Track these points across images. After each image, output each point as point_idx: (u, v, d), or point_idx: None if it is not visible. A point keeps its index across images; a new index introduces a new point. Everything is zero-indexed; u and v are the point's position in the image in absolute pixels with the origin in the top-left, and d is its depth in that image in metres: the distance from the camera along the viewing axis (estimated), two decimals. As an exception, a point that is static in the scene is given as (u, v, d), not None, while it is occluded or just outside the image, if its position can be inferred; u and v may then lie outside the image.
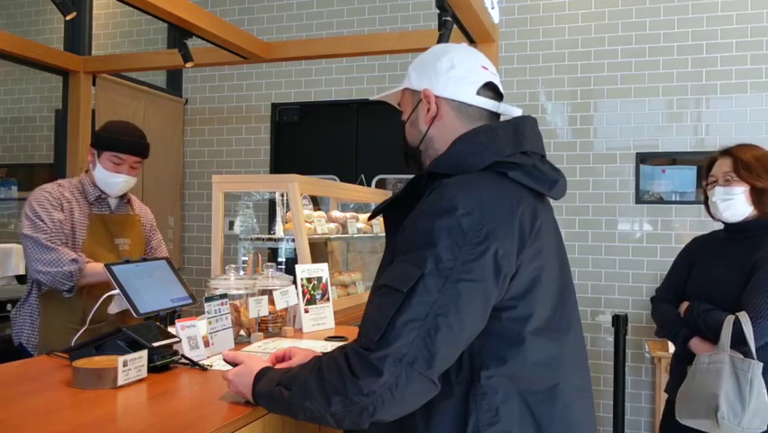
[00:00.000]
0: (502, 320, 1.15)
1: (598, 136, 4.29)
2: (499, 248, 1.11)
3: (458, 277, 1.08)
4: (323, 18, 4.84)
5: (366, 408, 1.07)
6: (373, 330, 1.09)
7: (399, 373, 1.06)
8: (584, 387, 1.28)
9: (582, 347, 1.32)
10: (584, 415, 1.25)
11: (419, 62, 1.38)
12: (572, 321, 1.27)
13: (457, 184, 1.18)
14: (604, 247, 4.25)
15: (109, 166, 2.49)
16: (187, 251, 5.15)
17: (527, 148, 1.26)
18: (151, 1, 2.68)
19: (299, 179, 2.66)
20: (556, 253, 1.28)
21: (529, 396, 1.16)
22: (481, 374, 1.13)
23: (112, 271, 1.88)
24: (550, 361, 1.18)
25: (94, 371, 1.46)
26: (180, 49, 3.30)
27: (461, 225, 1.10)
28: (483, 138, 1.25)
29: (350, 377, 1.08)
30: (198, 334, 1.78)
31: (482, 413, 1.12)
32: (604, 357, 4.22)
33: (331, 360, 1.14)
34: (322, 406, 1.11)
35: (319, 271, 2.42)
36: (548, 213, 1.29)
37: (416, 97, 1.35)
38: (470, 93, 1.31)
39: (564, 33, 4.34)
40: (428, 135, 1.33)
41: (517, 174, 1.21)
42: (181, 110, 5.15)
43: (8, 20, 5.43)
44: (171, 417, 1.29)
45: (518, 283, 1.15)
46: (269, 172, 4.93)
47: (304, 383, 1.15)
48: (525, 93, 4.39)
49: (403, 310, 1.08)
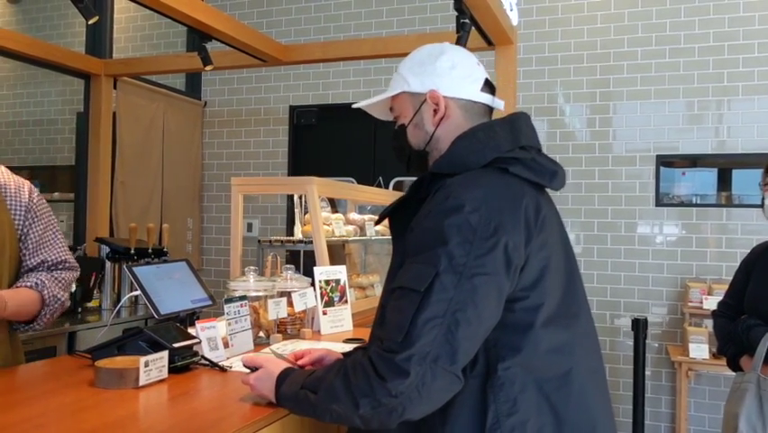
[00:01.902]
0: (515, 311, 1.17)
1: (617, 138, 4.26)
2: (509, 241, 1.14)
3: (472, 272, 1.11)
4: (340, 21, 4.85)
5: (395, 408, 1.10)
6: (396, 332, 1.11)
7: (425, 372, 1.08)
8: (597, 369, 1.31)
9: (592, 331, 1.34)
10: (599, 397, 1.27)
11: (414, 65, 1.38)
12: (581, 307, 1.30)
13: (461, 182, 1.20)
14: (623, 250, 4.22)
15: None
16: (206, 252, 5.19)
17: (525, 143, 1.29)
18: (171, 4, 2.70)
19: (317, 182, 2.66)
20: (561, 242, 1.30)
21: (544, 383, 1.18)
22: (498, 366, 1.15)
23: (133, 273, 1.89)
24: (562, 347, 1.21)
25: (116, 371, 1.48)
26: (200, 52, 3.32)
27: (470, 222, 1.13)
28: (482, 136, 1.28)
29: (377, 379, 1.10)
30: (218, 335, 1.79)
31: (500, 404, 1.14)
32: (623, 361, 4.18)
33: (356, 363, 1.15)
34: (350, 409, 1.13)
35: (337, 274, 2.43)
36: (550, 204, 1.32)
37: (417, 100, 1.36)
38: (476, 90, 1.35)
39: (583, 35, 4.32)
40: (435, 136, 1.35)
41: (518, 168, 1.24)
42: (200, 113, 5.19)
43: (31, 24, 5.50)
44: (192, 417, 1.30)
45: (528, 274, 1.18)
46: (287, 174, 4.95)
47: (330, 387, 1.17)
48: (544, 95, 4.37)
49: (422, 309, 1.10)
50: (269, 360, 1.37)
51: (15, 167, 5.39)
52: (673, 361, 3.85)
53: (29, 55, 3.61)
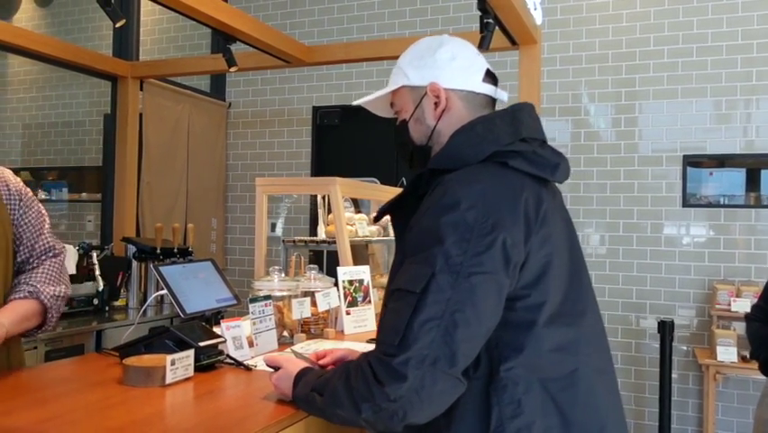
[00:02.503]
0: (516, 310, 1.14)
1: (643, 138, 4.21)
2: (507, 238, 1.10)
3: (469, 271, 1.08)
4: (363, 21, 4.86)
5: (396, 412, 1.08)
6: (392, 335, 1.09)
7: (424, 375, 1.06)
8: (605, 369, 1.26)
9: (600, 330, 1.30)
10: (607, 397, 1.23)
11: (413, 58, 1.35)
12: (587, 305, 1.26)
13: (458, 179, 1.17)
14: (649, 251, 4.17)
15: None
16: (230, 252, 5.23)
17: (526, 135, 1.24)
18: (196, 6, 2.73)
19: (341, 182, 2.67)
20: (566, 237, 1.26)
21: (550, 384, 1.14)
22: (501, 368, 1.12)
23: (160, 272, 1.92)
24: (567, 346, 1.17)
25: (143, 369, 1.50)
26: (224, 53, 3.35)
27: (467, 219, 1.10)
28: (480, 129, 1.24)
29: (375, 384, 1.08)
30: (243, 334, 1.81)
31: (504, 406, 1.11)
32: (649, 364, 4.13)
33: (357, 367, 1.14)
34: (353, 413, 1.12)
35: (360, 274, 2.43)
36: (553, 198, 1.27)
37: (417, 94, 1.32)
38: (477, 81, 1.31)
39: (608, 34, 4.27)
40: (436, 130, 1.31)
41: (518, 162, 1.20)
42: (225, 114, 5.24)
43: (60, 27, 5.60)
44: (217, 415, 1.31)
45: (529, 271, 1.14)
46: (310, 175, 4.97)
47: (333, 391, 1.16)
48: (568, 95, 4.33)
49: (419, 311, 1.07)
50: (289, 360, 1.38)
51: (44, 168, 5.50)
52: (701, 364, 3.79)
53: (58, 58, 3.67)
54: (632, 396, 4.16)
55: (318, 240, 2.94)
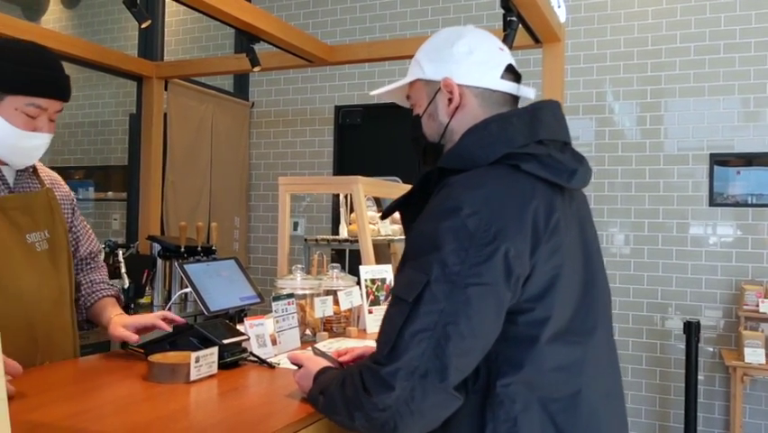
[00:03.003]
0: (518, 324, 1.08)
1: (668, 137, 4.16)
2: (510, 248, 1.03)
3: (466, 282, 1.02)
4: (386, 20, 4.86)
5: (386, 422, 1.04)
6: (383, 343, 1.06)
7: (413, 387, 1.02)
8: (612, 392, 1.20)
9: (611, 350, 1.23)
10: (613, 423, 1.18)
11: (430, 50, 1.28)
12: (598, 322, 1.18)
13: (463, 182, 1.10)
14: (675, 251, 4.11)
15: (21, 120, 1.57)
16: (253, 250, 5.27)
17: (544, 136, 1.16)
18: (220, 7, 2.75)
19: (363, 181, 2.68)
20: (581, 248, 1.18)
21: (550, 404, 1.09)
22: (497, 383, 1.07)
23: (185, 270, 1.94)
24: (570, 366, 1.11)
25: (168, 366, 1.51)
26: (248, 53, 3.37)
27: (468, 226, 1.04)
28: (494, 128, 1.16)
29: (363, 393, 1.06)
30: (266, 332, 1.82)
31: (499, 424, 1.07)
32: (674, 365, 4.07)
33: (350, 375, 1.12)
34: (348, 420, 1.11)
35: (383, 273, 2.43)
36: (570, 205, 1.18)
37: (431, 88, 1.26)
38: (495, 77, 1.23)
39: (633, 31, 4.22)
40: (449, 127, 1.24)
41: (531, 166, 1.11)
42: (248, 113, 5.28)
43: (86, 28, 5.68)
44: (241, 412, 1.32)
45: (535, 284, 1.07)
46: (333, 174, 4.99)
47: (331, 397, 1.16)
48: (592, 93, 4.29)
49: (410, 321, 1.03)
50: (310, 358, 1.38)
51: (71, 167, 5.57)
52: (728, 366, 3.73)
53: (84, 58, 3.72)
54: (657, 398, 4.11)
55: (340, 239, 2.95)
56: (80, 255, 1.89)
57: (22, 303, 1.61)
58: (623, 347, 4.16)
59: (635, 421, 4.13)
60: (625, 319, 4.17)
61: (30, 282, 1.63)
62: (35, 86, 1.57)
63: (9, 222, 1.62)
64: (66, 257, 1.75)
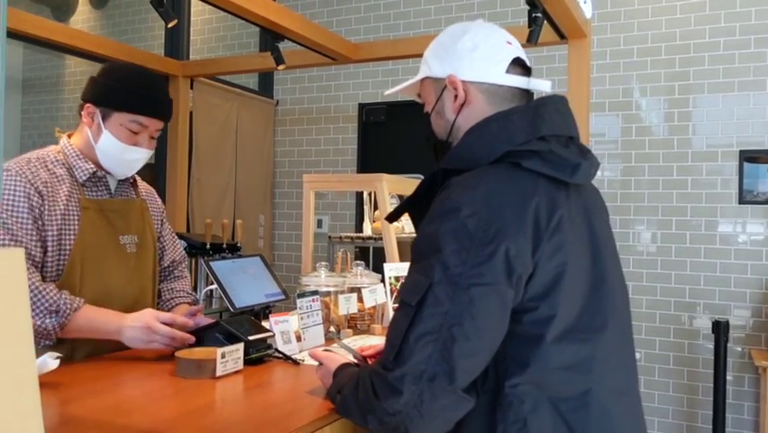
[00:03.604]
0: (523, 323, 1.07)
1: (697, 133, 4.09)
2: (510, 247, 1.02)
3: (468, 282, 1.01)
4: (410, 18, 4.86)
5: (397, 426, 1.05)
6: (389, 348, 1.07)
7: (422, 391, 1.02)
8: (625, 390, 1.18)
9: (623, 347, 1.20)
10: (626, 422, 1.15)
11: (437, 47, 1.28)
12: (609, 319, 1.15)
13: (462, 182, 1.10)
14: (703, 250, 4.05)
15: (124, 135, 1.73)
16: (277, 248, 5.30)
17: (546, 132, 1.14)
18: (246, 6, 2.77)
19: (387, 179, 2.68)
20: (588, 244, 1.16)
21: (560, 403, 1.07)
22: (505, 384, 1.07)
23: (211, 267, 1.96)
24: (578, 365, 1.09)
25: (195, 361, 1.53)
26: (272, 52, 3.39)
27: (467, 227, 1.03)
28: (494, 127, 1.15)
29: (374, 398, 1.07)
30: (291, 329, 1.83)
31: (509, 425, 1.06)
32: (703, 365, 4.01)
33: (363, 379, 1.12)
34: (361, 422, 1.12)
35: (407, 270, 2.43)
36: (576, 201, 1.16)
37: (439, 86, 1.25)
38: (500, 72, 1.21)
39: (661, 26, 4.16)
40: (456, 124, 1.23)
41: (532, 162, 1.10)
42: (272, 111, 5.31)
43: (114, 29, 5.76)
44: (267, 408, 1.33)
45: (538, 282, 1.06)
46: (357, 171, 4.99)
47: (345, 399, 1.17)
48: (619, 89, 4.24)
49: (415, 325, 1.03)
50: (329, 356, 1.38)
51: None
52: (757, 366, 3.66)
53: (112, 58, 3.77)
54: (684, 398, 4.06)
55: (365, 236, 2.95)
56: (164, 264, 2.03)
57: (109, 297, 1.75)
58: (650, 346, 4.11)
59: (663, 421, 4.08)
60: (652, 318, 4.12)
61: (117, 279, 1.79)
62: (139, 105, 1.72)
63: (106, 222, 1.79)
64: (152, 262, 1.92)
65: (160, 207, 2.04)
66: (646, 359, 4.11)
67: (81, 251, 1.70)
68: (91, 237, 1.73)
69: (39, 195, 1.65)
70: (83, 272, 1.71)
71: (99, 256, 1.75)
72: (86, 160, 1.77)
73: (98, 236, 1.75)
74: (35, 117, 6.03)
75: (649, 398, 4.08)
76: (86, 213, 1.73)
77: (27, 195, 1.63)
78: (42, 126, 6.00)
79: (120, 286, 1.80)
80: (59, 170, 1.74)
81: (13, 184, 1.64)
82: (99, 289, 1.74)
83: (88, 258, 1.72)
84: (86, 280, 1.72)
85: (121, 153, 1.74)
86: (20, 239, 1.60)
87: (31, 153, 1.76)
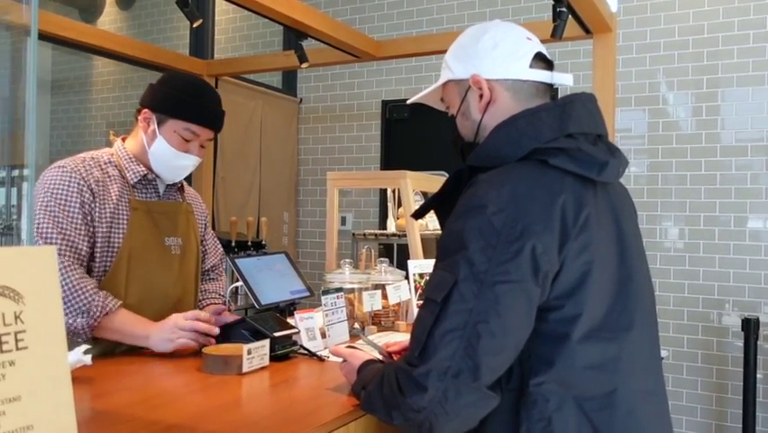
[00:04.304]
0: (548, 321, 1.07)
1: (725, 127, 4.02)
2: (537, 245, 1.02)
3: (494, 280, 1.02)
4: (433, 14, 4.84)
5: (422, 423, 1.05)
6: (415, 345, 1.07)
7: (446, 387, 1.02)
8: (652, 391, 1.17)
9: (651, 346, 1.19)
10: (653, 422, 1.14)
11: (457, 50, 1.28)
12: (635, 318, 1.14)
13: (488, 179, 1.09)
14: (732, 246, 3.98)
15: (176, 141, 1.80)
16: (301, 245, 5.33)
17: (574, 129, 1.13)
18: (270, 5, 2.78)
19: (411, 176, 2.68)
20: (616, 243, 1.15)
21: (585, 402, 1.07)
22: (530, 382, 1.07)
23: (236, 265, 1.98)
24: (604, 364, 1.09)
25: (221, 358, 1.55)
26: (296, 50, 3.40)
27: (493, 224, 1.03)
28: (522, 124, 1.15)
29: (399, 394, 1.07)
30: (316, 325, 1.84)
31: (533, 423, 1.06)
32: (732, 363, 3.95)
33: (388, 375, 1.13)
34: (387, 418, 1.13)
35: (431, 267, 2.43)
36: (603, 199, 1.15)
37: (462, 87, 1.26)
38: (523, 67, 1.21)
39: (688, 19, 4.10)
40: (483, 124, 1.23)
41: (560, 160, 1.10)
42: (296, 109, 5.34)
43: (140, 29, 5.84)
44: (292, 404, 1.34)
45: (564, 281, 1.06)
46: (380, 169, 5.00)
47: (370, 395, 1.18)
48: (645, 84, 4.19)
49: (440, 321, 1.03)
50: (352, 353, 1.40)
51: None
52: (789, 364, 3.60)
53: (138, 58, 3.83)
54: (713, 396, 4.00)
55: (389, 233, 2.96)
56: (205, 267, 2.11)
57: (153, 296, 1.83)
58: (677, 344, 4.06)
59: (691, 420, 4.03)
60: (679, 316, 4.06)
61: (162, 279, 1.86)
62: (193, 114, 1.80)
63: (153, 223, 1.86)
64: (194, 265, 1.99)
65: (204, 211, 2.12)
66: (674, 357, 4.05)
67: (128, 249, 1.77)
68: (138, 237, 1.80)
69: (91, 192, 1.73)
70: (129, 271, 1.77)
71: (145, 256, 1.81)
72: (138, 162, 1.85)
73: (145, 237, 1.82)
74: (64, 117, 6.14)
75: (677, 396, 4.03)
76: (135, 213, 1.81)
77: (80, 190, 1.71)
78: (71, 126, 6.11)
79: (164, 286, 1.86)
80: (112, 170, 1.81)
81: (68, 179, 1.71)
82: (144, 287, 1.81)
83: (135, 257, 1.78)
84: (132, 279, 1.78)
85: (172, 159, 1.82)
86: (68, 233, 1.67)
87: (85, 153, 1.83)
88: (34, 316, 0.71)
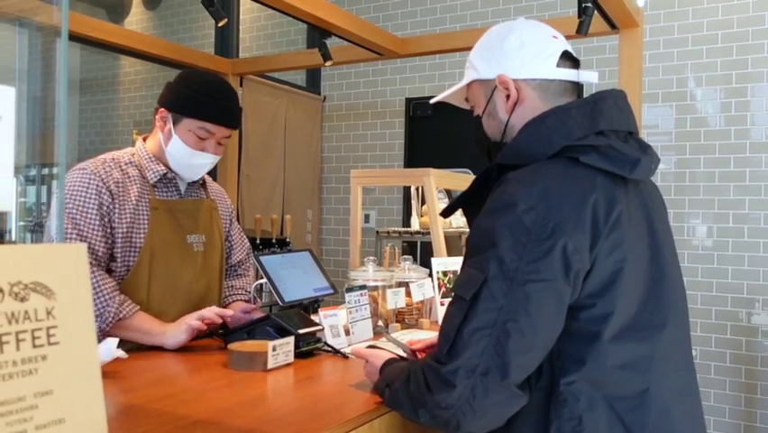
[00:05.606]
0: (579, 320, 1.06)
1: (755, 123, 3.95)
2: (568, 243, 1.01)
3: (525, 278, 1.01)
4: (456, 11, 4.83)
5: (449, 420, 1.05)
6: (443, 342, 1.07)
7: (474, 385, 1.02)
8: (686, 390, 1.15)
9: (683, 345, 1.17)
10: (686, 422, 1.13)
11: (482, 49, 1.27)
12: (668, 317, 1.13)
13: (519, 177, 1.09)
14: (762, 244, 3.91)
15: (192, 140, 1.81)
16: (325, 243, 5.35)
17: (605, 127, 1.12)
18: (294, 4, 2.80)
19: (434, 173, 2.67)
20: (647, 241, 1.14)
21: (617, 402, 1.06)
22: (561, 381, 1.06)
23: (260, 262, 1.99)
24: (636, 363, 1.07)
25: (247, 354, 1.56)
26: (320, 48, 3.42)
27: (524, 222, 1.02)
28: (552, 121, 1.14)
29: (426, 391, 1.07)
30: (339, 323, 1.85)
31: (564, 422, 1.05)
32: (761, 363, 3.88)
33: (415, 372, 1.13)
34: (413, 415, 1.13)
35: (455, 265, 2.43)
36: (635, 197, 1.14)
37: (488, 87, 1.25)
38: (551, 67, 1.21)
39: (717, 13, 4.03)
40: (510, 124, 1.22)
41: (591, 158, 1.09)
42: (320, 107, 5.36)
43: (166, 29, 5.90)
44: (317, 401, 1.35)
45: (596, 279, 1.05)
46: (404, 166, 5.00)
47: (395, 392, 1.17)
48: (672, 79, 4.12)
49: (469, 319, 1.03)
50: (373, 353, 1.40)
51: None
52: (821, 365, 3.53)
53: (165, 57, 3.87)
54: (742, 397, 3.93)
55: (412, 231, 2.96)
56: (232, 262, 2.13)
57: (176, 294, 1.85)
58: (705, 344, 4.00)
59: (719, 421, 3.97)
60: (707, 315, 4.00)
61: (184, 277, 1.87)
62: (206, 112, 1.79)
63: (175, 222, 1.86)
64: (219, 261, 2.00)
65: (228, 206, 2.12)
66: (702, 356, 3.99)
67: (150, 249, 1.78)
68: (160, 236, 1.81)
69: (110, 194, 1.74)
70: (151, 269, 1.79)
71: (167, 254, 1.82)
72: (158, 162, 1.86)
73: (167, 235, 1.83)
74: (92, 117, 6.23)
75: (705, 396, 3.97)
76: (155, 213, 1.81)
77: (98, 192, 1.72)
78: (99, 125, 6.20)
79: (186, 283, 1.88)
80: (132, 170, 1.83)
81: (87, 181, 1.73)
82: (166, 285, 1.83)
83: (156, 256, 1.80)
84: (154, 278, 1.80)
85: (188, 158, 1.82)
86: (85, 234, 1.69)
87: (106, 154, 1.85)
88: (65, 311, 0.72)
